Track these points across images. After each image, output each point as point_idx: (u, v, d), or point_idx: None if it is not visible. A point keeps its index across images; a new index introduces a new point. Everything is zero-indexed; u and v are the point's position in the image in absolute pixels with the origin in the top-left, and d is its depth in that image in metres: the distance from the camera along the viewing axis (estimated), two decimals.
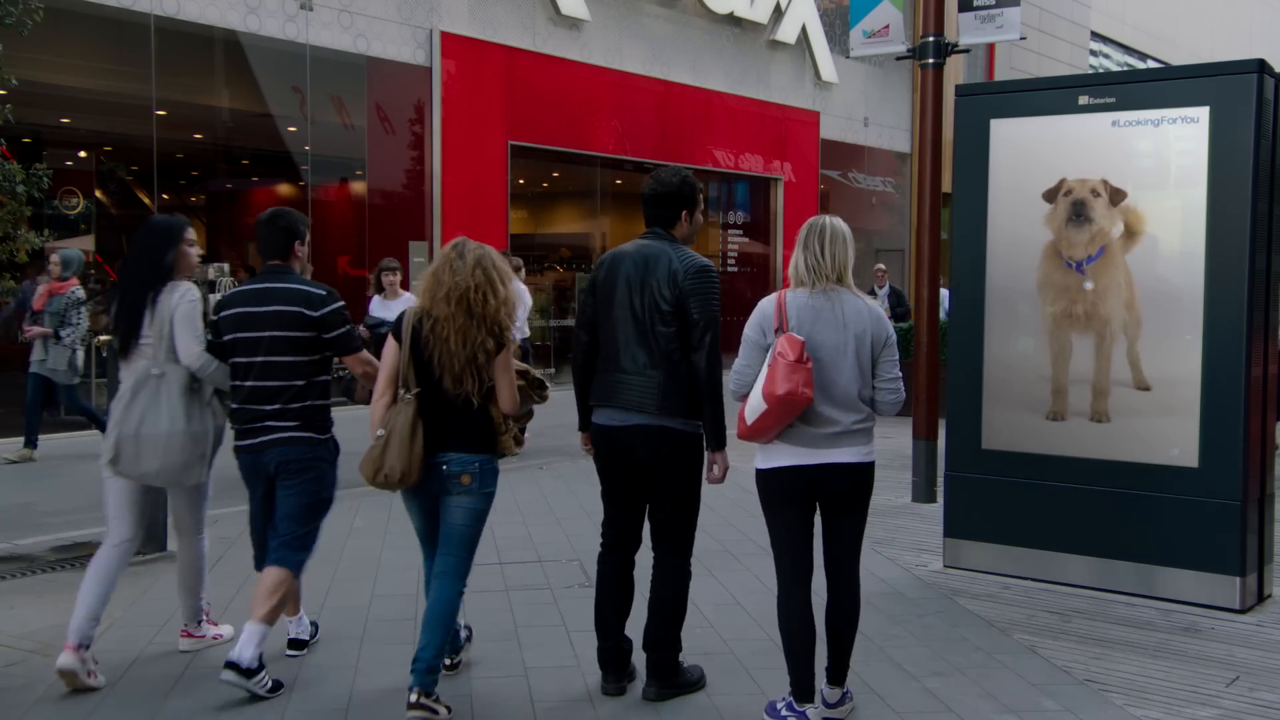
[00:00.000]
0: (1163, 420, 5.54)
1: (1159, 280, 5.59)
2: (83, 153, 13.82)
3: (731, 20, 18.71)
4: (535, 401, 4.47)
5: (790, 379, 3.78)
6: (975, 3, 8.38)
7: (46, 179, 9.64)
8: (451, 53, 14.70)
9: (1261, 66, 5.38)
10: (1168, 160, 5.61)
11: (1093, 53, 27.42)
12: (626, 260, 4.29)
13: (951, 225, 6.25)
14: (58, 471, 9.38)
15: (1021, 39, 9.14)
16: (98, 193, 13.73)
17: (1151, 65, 28.05)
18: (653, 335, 4.18)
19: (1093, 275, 5.73)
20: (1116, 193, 5.66)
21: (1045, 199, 5.83)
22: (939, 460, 7.39)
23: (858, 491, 4.04)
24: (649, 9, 17.50)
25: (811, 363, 3.85)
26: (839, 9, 20.57)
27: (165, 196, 14.34)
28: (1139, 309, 5.63)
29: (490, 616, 5.20)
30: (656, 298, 4.17)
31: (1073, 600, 5.61)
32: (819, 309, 3.96)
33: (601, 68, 16.77)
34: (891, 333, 4.03)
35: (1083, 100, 5.78)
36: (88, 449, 9.37)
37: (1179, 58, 28.11)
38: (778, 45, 19.80)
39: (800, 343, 3.84)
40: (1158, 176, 5.65)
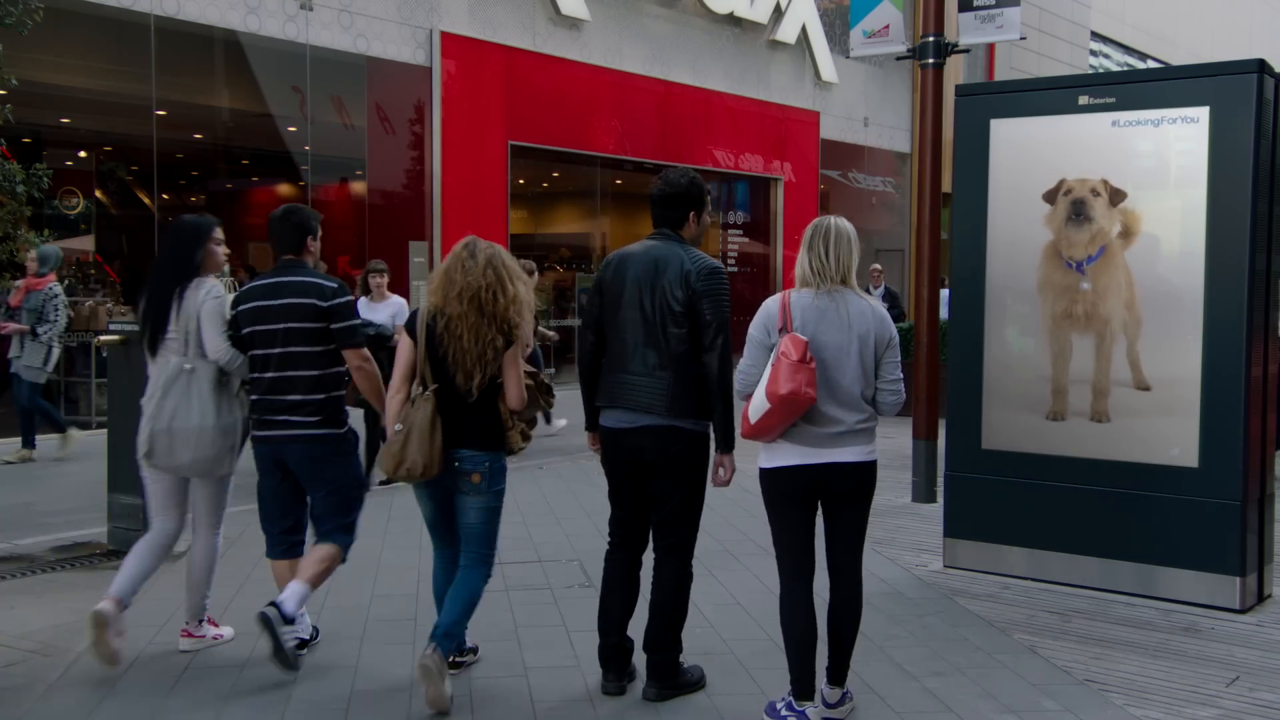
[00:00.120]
0: (1163, 420, 5.55)
1: (1159, 280, 5.59)
2: (83, 153, 13.83)
3: (731, 20, 18.71)
4: (541, 407, 4.52)
5: (793, 379, 3.80)
6: (975, 3, 8.38)
7: (46, 179, 9.65)
8: (451, 53, 14.69)
9: (1261, 66, 5.38)
10: (1168, 160, 5.61)
11: (1093, 53, 27.41)
12: (635, 261, 4.29)
13: (951, 225, 6.25)
14: (58, 471, 9.37)
15: (1021, 39, 9.15)
16: (98, 193, 13.74)
17: (1151, 65, 28.05)
18: (664, 336, 4.18)
19: (1093, 275, 5.73)
20: (1116, 193, 5.66)
21: (1045, 200, 5.83)
22: (939, 460, 7.40)
23: (860, 490, 4.06)
24: (649, 9, 17.50)
25: (815, 363, 3.88)
26: (839, 9, 20.57)
27: (165, 196, 14.35)
28: (1139, 309, 5.63)
29: (490, 616, 5.20)
30: (669, 299, 4.18)
31: (1073, 600, 5.61)
32: (824, 309, 3.98)
33: (601, 68, 16.76)
34: (894, 334, 4.06)
35: (1083, 100, 5.78)
36: (88, 449, 9.37)
37: (1179, 58, 28.11)
38: (778, 45, 19.79)
39: (804, 343, 3.86)
40: (1158, 176, 5.65)
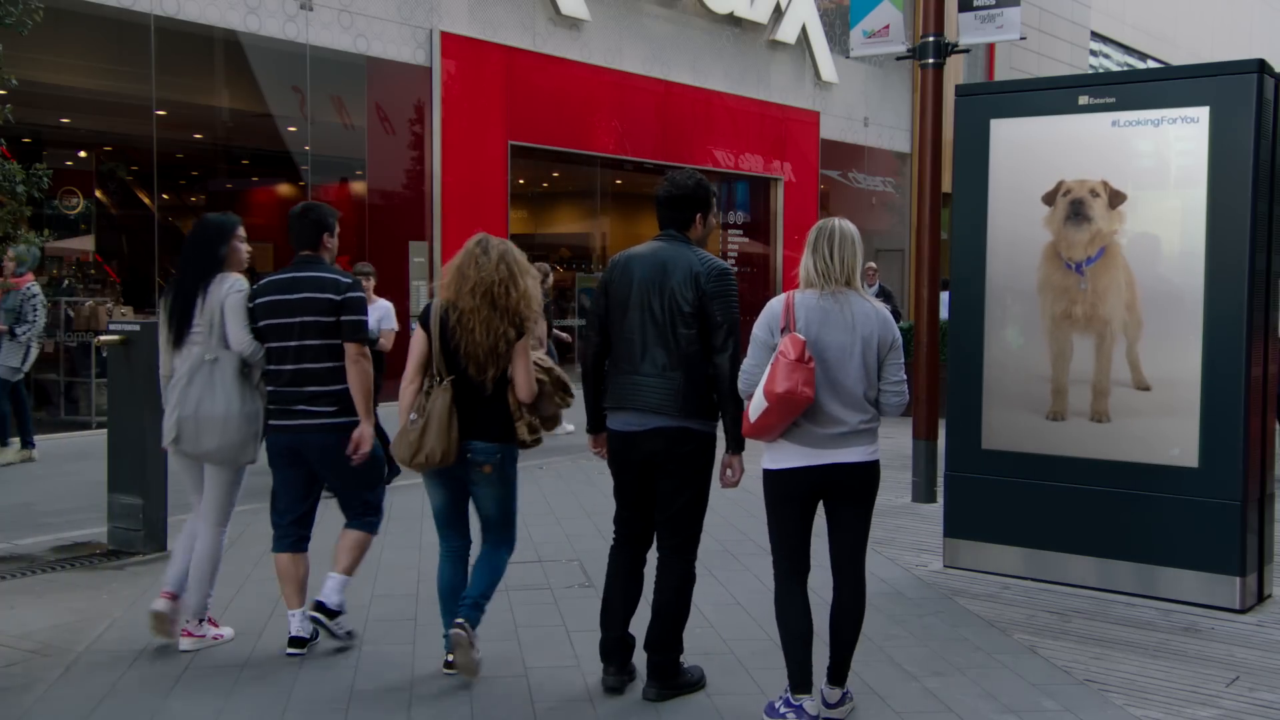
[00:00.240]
0: (1163, 420, 5.54)
1: (1159, 280, 5.59)
2: (83, 153, 13.82)
3: (731, 20, 18.70)
4: (558, 405, 4.54)
5: (790, 377, 3.81)
6: (975, 3, 8.38)
7: (46, 179, 9.63)
8: (451, 53, 14.68)
9: (1261, 66, 5.38)
10: (1168, 160, 5.61)
11: (1093, 53, 27.39)
12: (642, 262, 4.29)
13: (951, 225, 6.25)
14: (58, 471, 9.37)
15: (1021, 39, 9.15)
16: (98, 193, 13.73)
17: (1151, 65, 28.04)
18: (673, 337, 4.18)
19: (1093, 276, 5.73)
20: (1116, 194, 5.66)
21: (1045, 202, 5.83)
22: (939, 460, 7.40)
23: (864, 490, 4.08)
24: (649, 9, 17.49)
25: (813, 362, 3.89)
26: (839, 9, 20.56)
27: (165, 196, 14.34)
28: (1139, 309, 5.63)
29: (490, 616, 5.17)
30: (678, 299, 4.18)
31: (1073, 600, 5.61)
32: (828, 310, 4.00)
33: (601, 68, 16.75)
34: (898, 336, 4.07)
35: (1083, 100, 5.78)
36: (88, 449, 9.37)
37: (1179, 58, 28.09)
38: (778, 45, 19.78)
39: (802, 342, 3.86)
40: (1158, 176, 5.65)
